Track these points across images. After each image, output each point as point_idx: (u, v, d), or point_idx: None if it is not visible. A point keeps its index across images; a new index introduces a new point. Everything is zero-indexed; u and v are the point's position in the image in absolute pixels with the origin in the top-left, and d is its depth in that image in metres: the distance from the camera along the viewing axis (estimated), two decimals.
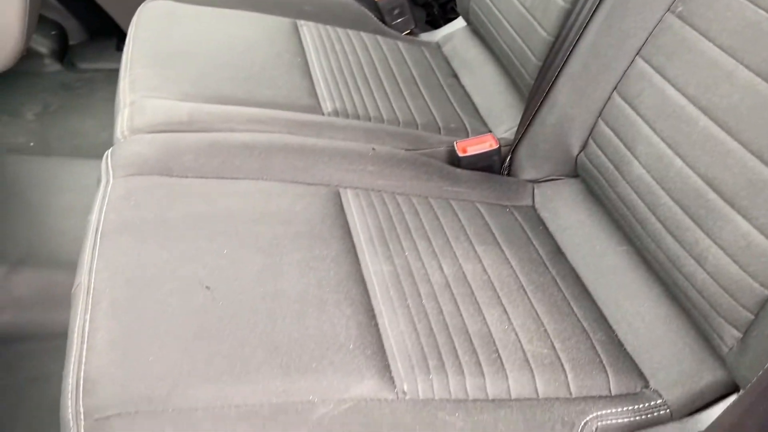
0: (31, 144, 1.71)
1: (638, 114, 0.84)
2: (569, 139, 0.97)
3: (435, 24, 1.59)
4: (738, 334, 0.70)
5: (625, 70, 0.88)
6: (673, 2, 0.82)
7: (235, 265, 0.73)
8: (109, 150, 0.88)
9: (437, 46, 1.38)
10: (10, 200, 1.48)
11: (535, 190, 1.02)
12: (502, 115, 1.16)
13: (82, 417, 0.56)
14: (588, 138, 0.94)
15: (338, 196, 0.89)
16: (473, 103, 1.22)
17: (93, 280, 0.68)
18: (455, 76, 1.29)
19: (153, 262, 0.71)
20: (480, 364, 0.70)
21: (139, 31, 1.14)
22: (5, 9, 1.34)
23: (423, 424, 0.61)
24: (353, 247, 0.81)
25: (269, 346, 0.65)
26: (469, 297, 0.78)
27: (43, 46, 1.93)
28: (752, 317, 0.68)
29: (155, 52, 1.08)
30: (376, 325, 0.71)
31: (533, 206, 1.00)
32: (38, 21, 1.61)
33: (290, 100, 1.04)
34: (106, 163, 0.85)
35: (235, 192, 0.83)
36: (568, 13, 0.99)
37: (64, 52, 1.98)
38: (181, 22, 1.18)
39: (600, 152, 0.90)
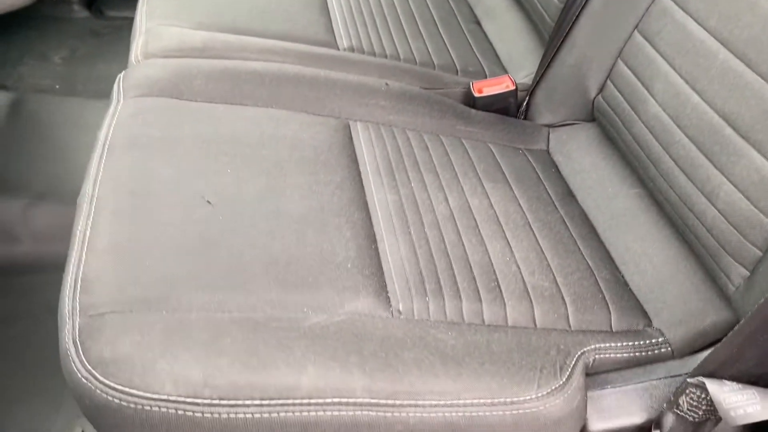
0: (57, 87, 1.73)
1: (658, 51, 0.81)
2: (587, 81, 0.94)
3: None
4: (745, 272, 0.68)
5: (648, 8, 0.85)
6: None
7: (238, 184, 0.73)
8: (122, 73, 0.88)
9: None
10: (34, 137, 1.50)
11: (551, 135, 1.00)
12: (522, 60, 1.14)
13: (77, 313, 0.57)
14: (606, 80, 0.92)
15: (348, 128, 0.88)
16: (494, 50, 1.19)
17: (97, 190, 0.69)
18: (477, 22, 1.26)
19: (157, 176, 0.71)
20: (478, 291, 0.70)
21: None
22: None
23: (414, 338, 0.60)
24: (359, 175, 0.81)
25: (267, 259, 0.65)
26: (472, 229, 0.77)
27: None
28: (760, 254, 0.66)
29: None
30: (376, 249, 0.71)
31: (547, 150, 0.99)
32: None
33: (306, 34, 1.03)
34: (118, 84, 0.86)
35: (242, 117, 0.83)
36: None
37: (92, 0, 1.98)
38: None
39: (617, 93, 0.88)
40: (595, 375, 0.68)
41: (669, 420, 0.63)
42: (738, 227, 0.68)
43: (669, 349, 0.71)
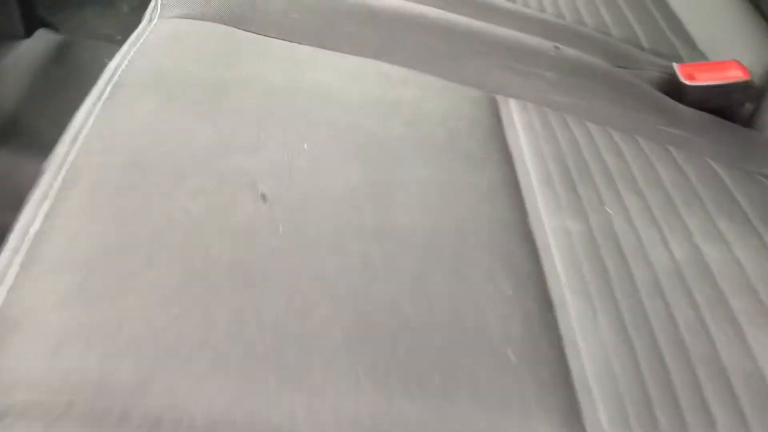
0: (118, 37, 1.49)
1: None
2: None
3: None
4: None
5: None
6: None
7: (316, 171, 0.41)
8: None
9: None
10: (77, 86, 1.24)
11: None
12: (734, 46, 0.78)
13: None
14: None
15: (495, 105, 0.55)
16: (686, 30, 0.84)
17: (74, 153, 0.39)
18: None
19: (184, 138, 0.41)
20: (746, 425, 0.36)
21: None
22: None
23: None
24: (516, 180, 0.48)
25: (358, 324, 0.33)
26: (719, 305, 0.43)
27: None
28: None
29: None
30: (555, 321, 0.38)
31: None
32: None
33: None
34: (152, 3, 0.56)
35: (336, 66, 0.52)
36: None
37: None
38: None
39: None
40: None
41: None
42: None
43: None
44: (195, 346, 0.30)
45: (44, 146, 1.11)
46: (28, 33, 1.30)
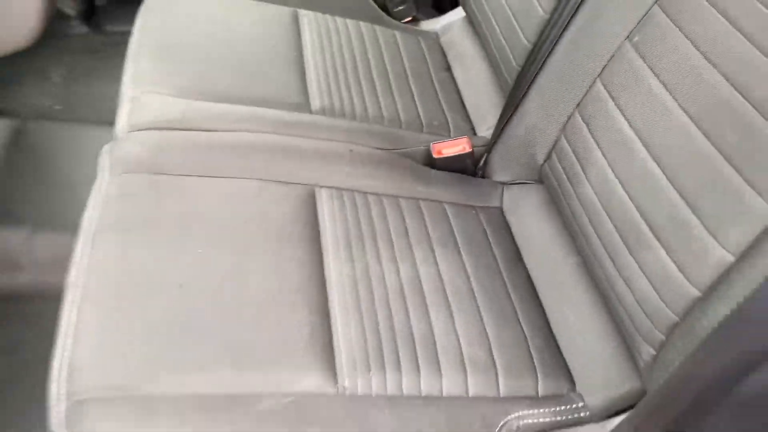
0: (57, 107, 1.81)
1: (592, 136, 0.89)
2: (535, 148, 1.02)
3: (441, 8, 1.62)
4: (653, 352, 0.77)
5: (587, 91, 0.92)
6: (632, 31, 0.86)
7: (206, 265, 0.82)
8: (107, 146, 0.97)
9: (436, 36, 1.42)
10: (35, 164, 1.59)
11: (505, 192, 1.08)
12: (486, 113, 1.21)
13: (63, 398, 0.67)
14: (551, 151, 0.99)
15: (313, 196, 0.97)
16: (461, 99, 1.27)
17: (82, 278, 0.79)
18: (448, 69, 1.34)
19: (137, 261, 0.81)
20: (417, 363, 0.79)
21: (144, 20, 1.22)
22: None
23: (353, 419, 0.70)
24: (320, 249, 0.90)
25: (225, 341, 0.75)
26: (419, 301, 0.86)
27: (70, 8, 1.99)
28: (664, 339, 0.75)
29: (157, 44, 1.16)
30: (329, 326, 0.81)
31: (501, 208, 1.07)
32: None
33: (280, 97, 1.11)
34: (104, 160, 0.95)
35: (216, 191, 0.92)
36: (545, 23, 1.03)
37: (91, 14, 2.03)
38: (185, 12, 1.24)
39: (559, 166, 0.96)
40: None
41: None
42: (647, 313, 0.76)
43: (587, 413, 0.81)
44: (156, 357, 0.71)
45: (21, 218, 1.48)
46: None
